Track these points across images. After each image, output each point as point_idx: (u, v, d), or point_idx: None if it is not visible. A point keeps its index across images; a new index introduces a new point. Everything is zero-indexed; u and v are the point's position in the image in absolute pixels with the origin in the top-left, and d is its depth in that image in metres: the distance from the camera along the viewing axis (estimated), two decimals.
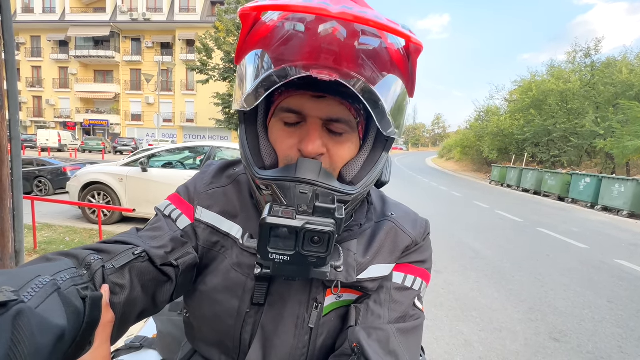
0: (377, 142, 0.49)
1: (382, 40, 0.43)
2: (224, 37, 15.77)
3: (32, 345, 0.25)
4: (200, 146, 5.29)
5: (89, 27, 28.16)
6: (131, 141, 22.89)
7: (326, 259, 0.38)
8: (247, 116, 0.49)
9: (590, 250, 5.17)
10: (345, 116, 0.46)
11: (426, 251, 0.57)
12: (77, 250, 0.40)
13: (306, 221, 0.37)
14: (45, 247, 3.77)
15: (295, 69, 0.39)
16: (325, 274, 0.41)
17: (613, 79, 15.74)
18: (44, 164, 8.07)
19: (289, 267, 0.39)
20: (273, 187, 0.44)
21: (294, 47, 0.41)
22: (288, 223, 0.36)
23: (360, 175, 0.47)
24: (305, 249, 0.37)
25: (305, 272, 0.40)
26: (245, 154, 0.47)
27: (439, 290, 3.30)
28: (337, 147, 0.46)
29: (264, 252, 0.38)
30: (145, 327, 0.88)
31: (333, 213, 0.38)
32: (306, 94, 0.45)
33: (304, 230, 0.36)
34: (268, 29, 0.43)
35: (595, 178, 10.31)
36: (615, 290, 3.54)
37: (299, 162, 0.44)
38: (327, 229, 0.36)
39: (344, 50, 0.40)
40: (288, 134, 0.47)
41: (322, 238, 0.37)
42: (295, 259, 0.38)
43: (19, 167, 1.67)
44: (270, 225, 0.37)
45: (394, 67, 0.43)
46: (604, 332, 2.66)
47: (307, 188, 0.43)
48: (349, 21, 0.36)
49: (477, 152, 25.76)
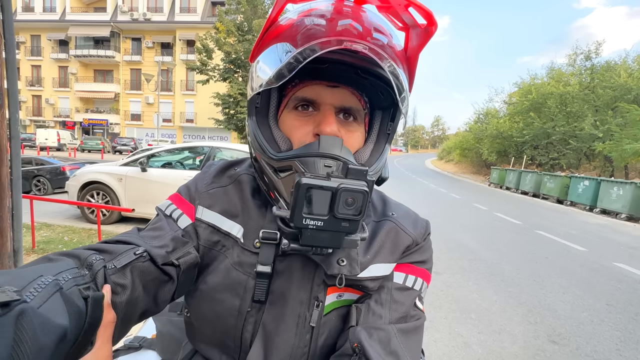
0: (380, 134, 0.53)
1: (388, 39, 0.46)
2: (224, 37, 15.79)
3: (34, 345, 0.25)
4: (200, 146, 5.29)
5: (89, 27, 28.17)
6: (130, 141, 22.87)
7: (359, 223, 0.38)
8: (259, 109, 0.51)
9: (589, 253, 5.17)
10: (356, 106, 0.49)
11: (427, 251, 0.57)
12: (78, 250, 0.40)
13: (341, 182, 0.37)
14: (43, 246, 3.75)
15: (327, 44, 0.41)
16: (356, 243, 0.41)
17: (612, 82, 15.81)
18: (42, 163, 8.06)
19: (321, 235, 0.39)
20: (296, 163, 0.44)
21: (319, 32, 0.43)
22: (324, 184, 0.37)
23: (370, 162, 0.50)
24: (339, 212, 0.37)
25: (338, 241, 0.40)
26: (260, 141, 0.49)
27: (437, 292, 3.30)
28: (348, 134, 0.49)
29: (298, 218, 0.37)
30: (144, 328, 0.88)
31: (365, 175, 0.39)
32: (321, 84, 0.48)
33: (340, 190, 0.36)
34: (286, 27, 0.46)
35: (593, 181, 10.33)
36: (614, 293, 3.54)
37: (322, 138, 0.45)
38: (362, 188, 0.37)
39: (364, 37, 0.43)
40: (303, 122, 0.49)
41: (356, 199, 0.37)
42: (329, 224, 0.38)
43: (18, 166, 1.66)
44: (307, 185, 0.36)
45: (400, 62, 0.46)
46: (603, 335, 2.66)
47: (331, 162, 0.43)
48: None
49: (476, 154, 25.83)
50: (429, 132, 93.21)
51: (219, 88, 17.86)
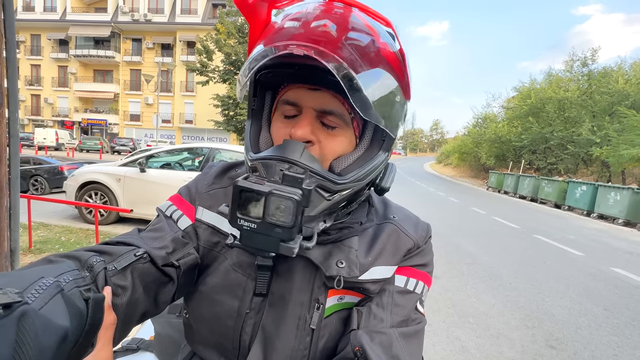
0: (374, 140, 0.50)
1: (373, 38, 0.45)
2: (225, 39, 15.83)
3: (36, 346, 0.25)
4: (199, 147, 5.29)
5: (89, 27, 28.21)
6: (129, 141, 22.83)
7: (292, 231, 0.38)
8: (255, 112, 0.52)
9: (587, 257, 5.19)
10: (338, 109, 0.47)
11: (428, 254, 0.57)
12: (79, 251, 0.39)
13: (273, 187, 0.37)
14: (40, 246, 3.73)
15: (275, 49, 0.41)
16: (292, 250, 0.40)
17: (609, 88, 15.95)
18: (40, 163, 8.03)
19: (256, 237, 0.39)
20: (259, 165, 0.45)
21: (282, 35, 0.43)
22: (256, 187, 0.37)
23: (350, 169, 0.47)
24: (270, 217, 0.38)
25: (273, 245, 0.40)
26: (245, 142, 0.51)
27: (436, 295, 3.30)
28: (328, 139, 0.47)
29: (233, 218, 0.39)
30: (142, 329, 0.87)
31: (301, 182, 0.39)
32: (303, 87, 0.47)
33: (270, 195, 0.37)
34: (272, 29, 0.46)
35: (591, 186, 10.39)
36: (611, 298, 3.55)
37: (284, 142, 0.45)
38: (292, 196, 0.37)
39: (328, 37, 0.41)
40: (285, 125, 0.49)
41: (286, 206, 0.37)
42: (262, 227, 0.38)
43: (16, 165, 1.66)
44: (240, 188, 0.38)
45: (383, 64, 0.44)
46: (600, 340, 2.66)
47: (286, 167, 0.43)
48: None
49: (474, 158, 25.92)
50: (427, 135, 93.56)
51: (219, 89, 17.88)
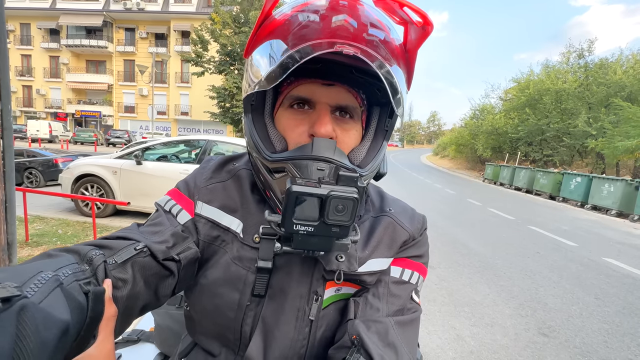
0: (378, 131, 0.53)
1: (386, 34, 0.46)
2: (220, 29, 15.56)
3: (37, 339, 0.25)
4: (196, 140, 5.24)
5: (81, 16, 27.50)
6: (124, 133, 22.55)
7: (349, 228, 0.39)
8: (255, 107, 0.51)
9: (580, 248, 5.27)
10: (352, 103, 0.49)
11: (423, 246, 0.58)
12: (78, 246, 0.40)
13: (331, 189, 0.37)
14: (37, 239, 3.72)
15: (319, 46, 0.41)
16: (346, 246, 0.42)
17: (606, 79, 15.94)
18: (34, 155, 7.93)
19: (312, 239, 0.39)
20: (289, 166, 0.45)
21: (312, 31, 0.42)
22: (314, 191, 0.37)
23: (366, 160, 0.50)
24: (329, 218, 0.37)
25: (328, 245, 0.40)
26: (255, 141, 0.49)
27: (432, 285, 3.35)
28: (344, 133, 0.49)
29: (289, 224, 0.38)
30: (142, 321, 0.88)
31: (356, 181, 0.39)
32: (316, 82, 0.47)
33: (330, 198, 0.36)
34: (280, 22, 0.45)
35: (585, 178, 10.48)
36: (603, 288, 3.63)
37: (315, 141, 0.45)
38: (352, 195, 0.37)
39: (358, 34, 0.42)
40: (298, 121, 0.48)
41: (346, 206, 0.37)
42: (319, 229, 0.38)
43: (11, 158, 1.64)
44: (296, 193, 0.36)
45: (397, 59, 0.46)
46: (591, 328, 2.73)
47: (324, 165, 0.44)
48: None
49: (471, 150, 25.97)
50: (425, 127, 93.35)
51: (215, 81, 17.66)
